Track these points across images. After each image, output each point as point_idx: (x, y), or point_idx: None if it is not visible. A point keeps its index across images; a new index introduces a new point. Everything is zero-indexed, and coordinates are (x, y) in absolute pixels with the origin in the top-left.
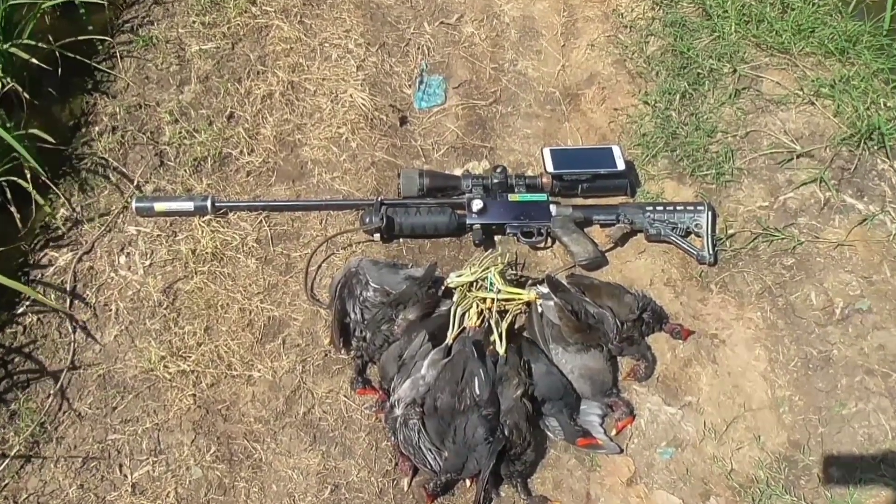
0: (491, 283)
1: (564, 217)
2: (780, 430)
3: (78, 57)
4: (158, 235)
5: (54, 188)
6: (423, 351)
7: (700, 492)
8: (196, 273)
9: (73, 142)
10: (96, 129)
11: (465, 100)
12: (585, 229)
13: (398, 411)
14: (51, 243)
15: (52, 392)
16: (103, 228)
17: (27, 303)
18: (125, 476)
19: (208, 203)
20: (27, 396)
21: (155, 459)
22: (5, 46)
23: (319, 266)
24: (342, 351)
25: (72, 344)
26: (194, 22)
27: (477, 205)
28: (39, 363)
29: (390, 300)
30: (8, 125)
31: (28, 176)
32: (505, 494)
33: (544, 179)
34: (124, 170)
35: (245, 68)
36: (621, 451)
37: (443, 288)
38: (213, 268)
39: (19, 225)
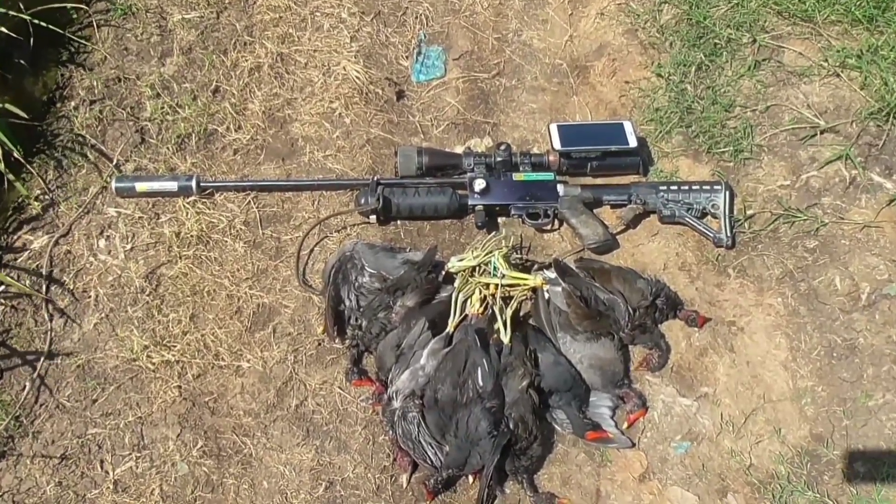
0: (495, 268)
1: (573, 197)
2: (801, 422)
3: (51, 26)
4: (140, 217)
5: (28, 167)
6: (423, 340)
7: (717, 488)
8: (180, 257)
9: (48, 117)
10: (72, 103)
11: (466, 72)
12: (595, 210)
13: (396, 404)
14: (25, 226)
15: (27, 383)
16: (81, 210)
17: (0, 288)
18: (106, 473)
19: (193, 183)
20: (1, 388)
21: (138, 455)
22: None
23: (312, 250)
24: (336, 340)
25: (49, 332)
26: None
27: (479, 184)
28: (14, 352)
29: (387, 286)
30: None
31: None
32: (510, 491)
33: (551, 157)
34: (103, 147)
35: (231, 39)
36: (633, 445)
37: (443, 273)
38: (198, 252)
39: None
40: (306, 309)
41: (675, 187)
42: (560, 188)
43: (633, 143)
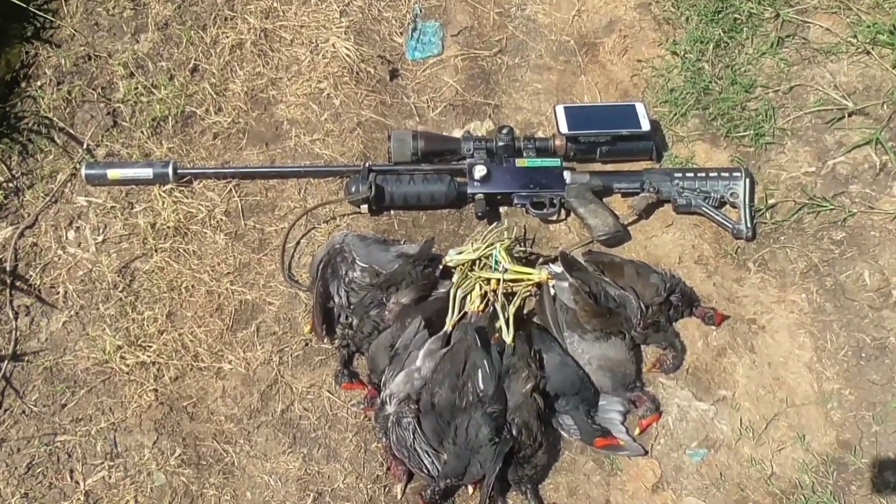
0: (496, 262)
1: (580, 185)
2: (827, 428)
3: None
4: (112, 207)
5: None
6: (419, 339)
7: (736, 498)
8: (156, 250)
9: (12, 98)
10: (38, 83)
11: (465, 49)
12: (605, 199)
13: (390, 408)
14: None
15: None
16: (48, 199)
17: None
18: (77, 483)
19: (169, 170)
20: None
21: (111, 464)
22: None
23: (298, 242)
24: (325, 340)
25: (13, 332)
26: None
27: (479, 171)
28: None
29: (380, 281)
30: None
31: None
32: (513, 503)
33: (557, 142)
34: (72, 131)
35: (211, 13)
36: (646, 452)
37: (440, 267)
38: (175, 244)
39: None
40: (292, 306)
41: (691, 174)
42: (567, 175)
43: (645, 126)
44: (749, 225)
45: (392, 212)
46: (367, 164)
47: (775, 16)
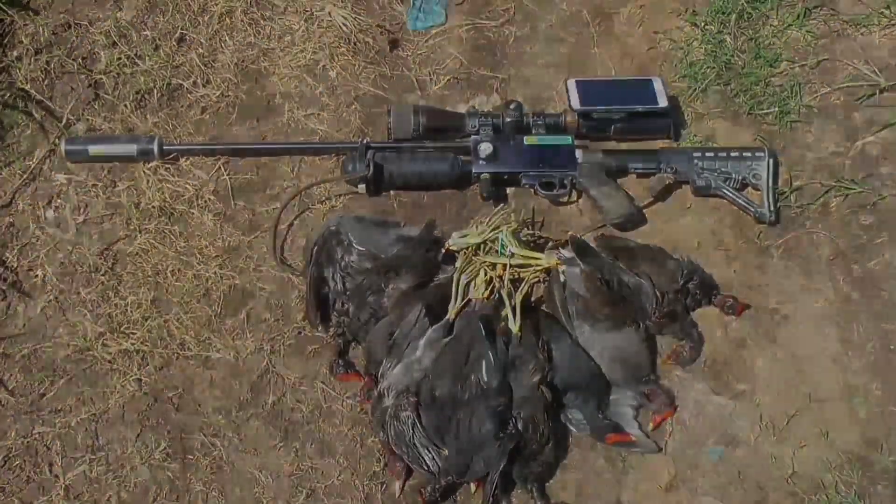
0: (502, 246)
1: (593, 165)
2: (852, 425)
3: None
4: (94, 185)
5: None
6: (419, 328)
7: (755, 498)
8: (140, 232)
9: None
10: (14, 53)
11: (470, 19)
12: (619, 180)
13: (388, 401)
14: None
15: None
16: (26, 176)
17: None
18: (56, 477)
19: (155, 146)
20: None
21: (92, 457)
22: None
23: (291, 224)
24: (319, 328)
25: None
26: None
27: (485, 149)
28: None
29: (378, 266)
30: None
31: None
32: (517, 501)
33: (569, 118)
34: (51, 104)
35: None
36: (659, 449)
37: (443, 251)
38: (161, 225)
39: None
40: (285, 292)
41: (711, 154)
42: (579, 154)
43: (662, 102)
44: (772, 208)
45: (391, 192)
46: (364, 141)
47: None
